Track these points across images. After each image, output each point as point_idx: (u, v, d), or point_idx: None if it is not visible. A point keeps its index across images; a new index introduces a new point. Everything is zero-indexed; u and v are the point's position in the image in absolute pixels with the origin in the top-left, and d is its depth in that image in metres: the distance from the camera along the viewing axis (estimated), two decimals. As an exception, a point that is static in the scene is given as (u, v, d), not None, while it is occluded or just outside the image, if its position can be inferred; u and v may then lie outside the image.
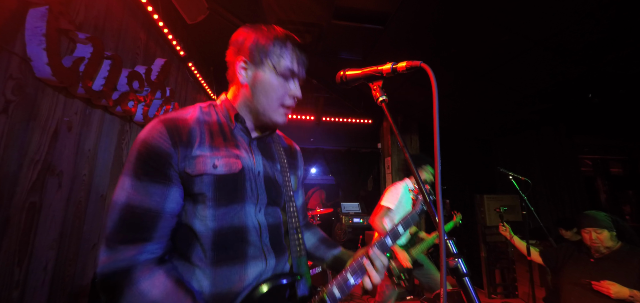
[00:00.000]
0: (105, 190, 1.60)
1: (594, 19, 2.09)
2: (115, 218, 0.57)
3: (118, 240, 0.56)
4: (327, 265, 0.88)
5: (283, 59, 0.71)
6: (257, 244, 0.66)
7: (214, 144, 0.67)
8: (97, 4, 1.45)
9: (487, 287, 3.89)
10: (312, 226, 1.00)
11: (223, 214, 0.63)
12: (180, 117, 0.67)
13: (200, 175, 0.62)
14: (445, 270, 0.41)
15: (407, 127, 4.75)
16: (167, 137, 0.62)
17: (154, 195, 0.59)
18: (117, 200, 0.59)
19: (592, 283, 1.77)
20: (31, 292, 1.14)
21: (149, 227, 0.58)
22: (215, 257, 0.62)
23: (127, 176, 0.60)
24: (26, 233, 1.12)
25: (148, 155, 0.60)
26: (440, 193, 0.45)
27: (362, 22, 2.49)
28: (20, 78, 1.07)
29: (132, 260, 0.55)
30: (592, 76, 2.85)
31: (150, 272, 0.56)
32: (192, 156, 0.63)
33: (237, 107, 0.75)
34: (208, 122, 0.71)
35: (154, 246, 0.58)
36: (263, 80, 0.71)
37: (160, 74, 1.95)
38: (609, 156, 5.04)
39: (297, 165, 0.92)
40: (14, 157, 1.06)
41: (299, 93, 0.75)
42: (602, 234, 1.83)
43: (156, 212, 0.59)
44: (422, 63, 0.53)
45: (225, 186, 0.64)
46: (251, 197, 0.68)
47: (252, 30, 0.73)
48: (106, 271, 0.54)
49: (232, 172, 0.65)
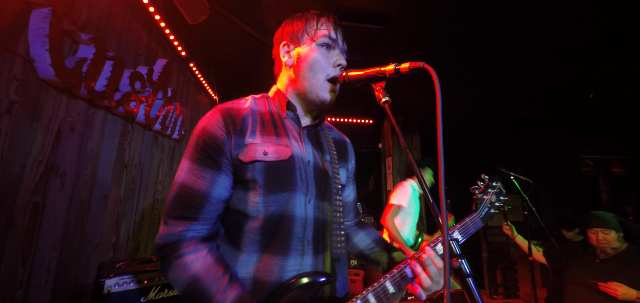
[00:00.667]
0: (108, 190, 1.60)
1: (596, 18, 2.09)
2: (173, 195, 0.63)
3: (171, 215, 0.62)
4: (382, 268, 0.83)
5: (320, 29, 0.74)
6: (300, 237, 0.67)
7: (265, 132, 0.69)
8: (99, 5, 1.46)
9: (489, 287, 3.88)
10: (365, 225, 0.94)
11: (273, 201, 0.65)
12: (235, 107, 0.71)
13: (252, 162, 0.65)
14: (449, 270, 0.41)
15: (408, 128, 4.75)
16: (222, 125, 0.66)
17: (204, 178, 0.64)
18: (177, 179, 0.65)
19: (598, 285, 1.75)
20: (35, 291, 1.15)
21: (196, 208, 0.63)
22: (263, 242, 0.64)
23: (186, 158, 0.66)
24: (30, 233, 1.13)
25: (204, 142, 0.65)
26: (444, 193, 0.45)
27: (363, 23, 2.49)
28: (24, 79, 1.07)
29: (180, 235, 0.61)
30: (594, 76, 2.84)
31: (195, 247, 0.61)
32: (245, 143, 0.66)
33: (287, 94, 0.77)
34: (260, 111, 0.74)
35: (199, 226, 0.63)
36: (306, 55, 0.73)
37: (162, 75, 1.96)
38: (610, 156, 5.02)
39: (348, 157, 0.90)
40: (17, 158, 1.07)
41: (343, 61, 0.74)
42: (609, 235, 1.82)
43: (204, 195, 0.63)
44: (425, 64, 0.53)
45: (275, 173, 0.66)
46: (301, 186, 0.68)
47: (290, 19, 0.79)
48: (160, 242, 0.62)
49: (282, 159, 0.67)
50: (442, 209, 0.45)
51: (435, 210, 0.48)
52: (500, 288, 3.88)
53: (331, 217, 0.73)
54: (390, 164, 4.60)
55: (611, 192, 4.90)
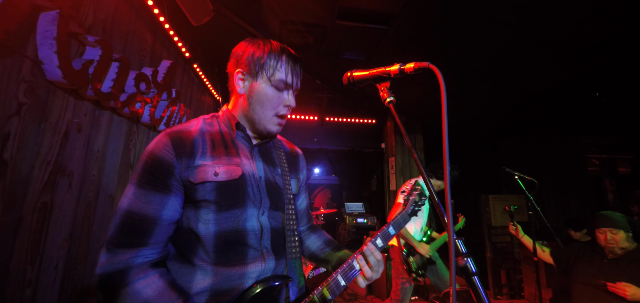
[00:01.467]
0: (114, 190, 1.62)
1: (600, 16, 2.07)
2: (117, 223, 0.61)
3: (117, 243, 0.60)
4: (332, 267, 0.90)
5: (277, 71, 0.75)
6: (257, 246, 0.70)
7: (216, 153, 0.71)
8: (105, 7, 1.48)
9: (493, 287, 3.86)
10: (316, 229, 1.01)
11: (225, 218, 0.67)
12: (184, 129, 0.72)
13: (203, 183, 0.66)
14: (455, 269, 0.41)
15: (411, 127, 4.74)
16: (171, 148, 0.67)
17: (153, 202, 0.63)
18: (120, 207, 0.63)
19: (607, 285, 1.74)
20: (43, 290, 1.17)
21: (146, 233, 0.62)
22: (217, 258, 0.66)
23: (131, 184, 0.65)
24: (38, 233, 1.15)
25: (152, 166, 0.65)
26: (449, 194, 0.45)
27: (366, 22, 2.49)
28: (32, 81, 1.09)
29: (128, 262, 0.59)
30: (599, 74, 2.82)
31: (144, 273, 0.60)
32: (195, 165, 0.67)
33: (237, 116, 0.80)
34: (210, 132, 0.75)
35: (149, 250, 0.62)
36: (259, 90, 0.75)
37: (167, 76, 1.97)
38: (616, 155, 4.97)
39: (299, 168, 0.94)
40: (26, 158, 1.08)
41: (292, 103, 0.78)
42: (618, 235, 1.80)
43: (153, 219, 0.63)
44: (430, 64, 0.53)
45: (226, 192, 0.68)
46: (253, 201, 0.72)
47: (250, 44, 0.78)
48: (104, 272, 0.59)
49: (233, 178, 0.69)
50: (447, 208, 0.45)
51: (441, 209, 0.48)
52: (504, 288, 3.85)
53: (286, 224, 0.78)
54: (393, 164, 4.59)
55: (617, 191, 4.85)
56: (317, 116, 4.85)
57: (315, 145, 5.07)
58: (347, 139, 5.15)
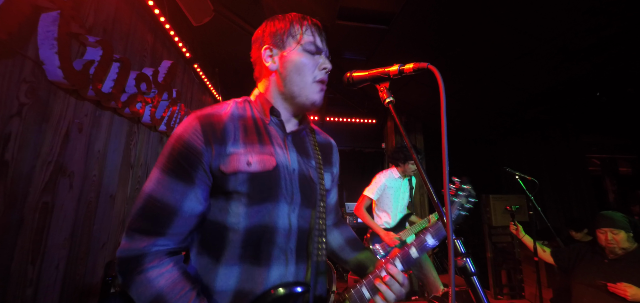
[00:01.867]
0: (115, 190, 1.62)
1: (601, 16, 2.06)
2: (139, 206, 0.60)
3: (135, 228, 0.59)
4: (350, 268, 0.85)
5: (305, 34, 0.71)
6: (283, 247, 0.66)
7: (248, 140, 0.66)
8: (106, 7, 1.48)
9: (493, 287, 3.86)
10: (342, 223, 0.95)
11: (255, 212, 0.63)
12: (215, 113, 0.67)
13: (235, 173, 0.62)
14: (454, 269, 0.42)
15: (412, 127, 4.74)
16: (200, 134, 0.62)
17: (175, 192, 0.60)
18: (144, 190, 0.61)
19: (608, 285, 1.73)
20: (44, 289, 1.17)
21: (164, 223, 0.59)
22: (244, 254, 0.62)
23: (157, 168, 0.62)
24: (39, 233, 1.15)
25: (179, 152, 0.61)
26: (448, 193, 0.46)
27: (366, 22, 2.49)
28: (34, 81, 1.10)
29: (143, 250, 0.58)
30: (600, 74, 2.81)
31: (159, 262, 0.58)
32: (226, 153, 0.63)
33: (271, 99, 0.74)
34: (242, 117, 0.70)
35: (166, 241, 0.60)
36: (291, 58, 0.71)
37: (167, 76, 1.98)
38: (617, 155, 4.96)
39: (333, 161, 0.88)
40: (27, 158, 1.09)
41: (328, 64, 0.73)
42: (619, 235, 1.79)
43: (173, 209, 0.59)
44: (429, 65, 0.53)
45: (259, 184, 0.63)
46: (286, 196, 0.67)
47: (269, 21, 0.75)
48: (122, 256, 0.58)
49: (266, 169, 0.64)
50: (446, 208, 0.45)
51: (440, 210, 0.49)
52: (505, 288, 3.85)
53: (314, 224, 0.72)
54: (393, 164, 4.58)
55: (618, 191, 4.83)
56: (318, 116, 4.85)
57: (315, 145, 5.06)
58: (347, 139, 5.15)
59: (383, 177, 2.70)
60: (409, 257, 0.73)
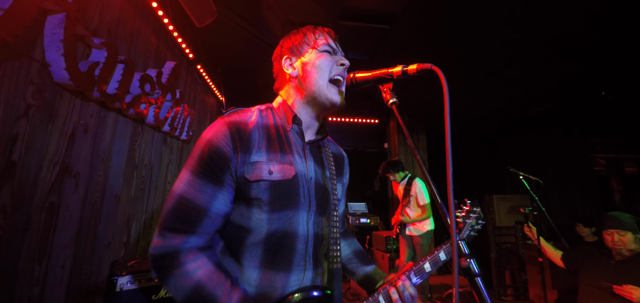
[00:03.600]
0: (119, 190, 1.64)
1: (606, 14, 2.04)
2: (170, 206, 0.63)
3: (167, 227, 0.62)
4: (356, 280, 0.88)
5: (319, 39, 0.77)
6: (302, 253, 0.69)
7: (270, 149, 0.70)
8: (110, 9, 1.49)
9: (497, 288, 3.83)
10: (349, 235, 1.00)
11: (277, 218, 0.66)
12: (242, 120, 0.70)
13: (257, 181, 0.65)
14: (458, 270, 0.41)
15: (415, 127, 4.72)
16: (229, 140, 0.66)
17: (205, 193, 0.63)
18: (174, 190, 0.64)
19: (613, 287, 1.71)
20: (50, 288, 1.19)
21: (195, 222, 0.63)
22: (265, 258, 0.65)
23: (187, 170, 0.65)
24: (45, 233, 1.16)
25: (209, 155, 0.65)
26: (452, 194, 0.46)
27: (369, 22, 2.48)
28: (40, 83, 1.11)
29: (178, 247, 0.61)
30: (605, 73, 2.78)
31: (194, 256, 0.62)
32: (251, 162, 0.66)
33: (293, 106, 0.78)
34: (266, 125, 0.74)
35: (196, 239, 0.63)
36: (310, 61, 0.76)
37: (171, 77, 1.99)
38: (623, 155, 4.90)
39: (344, 172, 0.93)
40: (34, 159, 1.10)
41: (346, 61, 0.78)
42: (626, 236, 1.77)
43: (203, 210, 0.63)
44: (433, 66, 0.53)
45: (280, 191, 0.67)
46: (304, 204, 0.70)
47: (286, 38, 0.82)
48: (156, 253, 0.61)
49: (286, 178, 0.68)
50: (450, 210, 0.45)
51: (444, 210, 0.48)
52: (509, 289, 3.82)
53: (328, 231, 0.76)
54: (396, 164, 4.56)
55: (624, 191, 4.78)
56: (320, 116, 4.85)
57: (318, 145, 5.06)
58: (349, 139, 5.14)
59: (418, 181, 3.16)
60: (423, 272, 0.80)
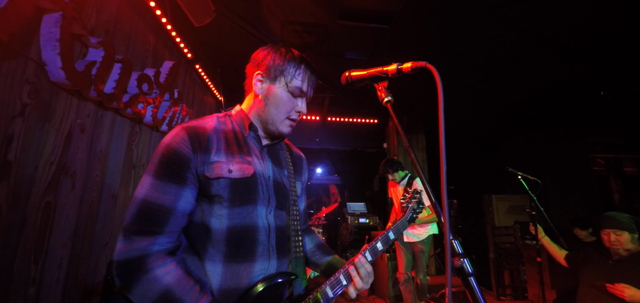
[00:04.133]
0: (117, 190, 1.64)
1: (605, 14, 2.04)
2: (133, 211, 0.63)
3: (133, 231, 0.62)
4: (320, 270, 0.94)
5: (295, 79, 0.80)
6: (265, 244, 0.73)
7: (229, 150, 0.74)
8: (108, 9, 1.49)
9: (496, 288, 3.83)
10: (311, 231, 1.06)
11: (237, 214, 0.70)
12: (200, 125, 0.75)
13: (217, 178, 0.69)
14: (451, 269, 0.41)
15: (413, 127, 4.72)
16: (188, 143, 0.69)
17: (169, 193, 0.66)
18: (137, 196, 0.65)
19: (606, 286, 1.73)
20: (47, 288, 1.18)
21: (161, 222, 0.64)
22: (228, 252, 0.69)
23: (148, 175, 0.67)
24: (42, 232, 1.16)
25: (169, 158, 0.67)
26: (446, 193, 0.45)
27: (368, 22, 2.48)
28: (36, 82, 1.11)
29: (146, 249, 0.61)
30: (605, 73, 2.78)
31: (163, 261, 0.62)
32: (210, 161, 0.70)
33: (250, 116, 0.83)
34: (224, 130, 0.78)
35: (164, 239, 0.64)
36: (275, 93, 0.79)
37: (169, 76, 1.99)
38: (622, 155, 4.91)
39: (302, 171, 0.99)
40: (30, 159, 1.10)
41: (304, 110, 0.83)
42: (622, 236, 1.78)
43: (169, 209, 0.65)
44: (427, 64, 0.53)
45: (239, 188, 0.71)
46: (263, 199, 0.75)
47: (271, 51, 0.82)
48: (122, 258, 0.60)
49: (245, 176, 0.73)
50: (444, 209, 0.45)
51: (437, 209, 0.48)
52: (508, 289, 3.82)
53: (290, 224, 0.82)
54: (395, 164, 4.56)
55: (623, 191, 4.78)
56: (319, 116, 4.85)
57: (317, 145, 5.07)
58: (349, 139, 5.14)
59: (418, 181, 3.00)
60: (376, 250, 0.86)
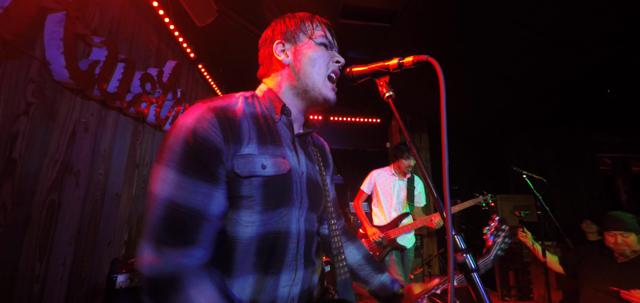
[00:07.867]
0: (120, 189, 1.65)
1: (611, 11, 2.01)
2: (160, 215, 0.51)
3: (163, 241, 0.50)
4: (370, 290, 0.81)
5: (316, 30, 0.71)
6: (294, 252, 0.63)
7: (261, 141, 0.62)
8: (111, 8, 1.50)
9: (501, 289, 3.79)
10: (353, 235, 0.91)
11: (269, 218, 0.59)
12: (229, 107, 0.61)
13: (250, 177, 0.57)
14: (453, 265, 0.40)
15: (416, 126, 4.69)
16: (218, 129, 0.56)
17: (200, 194, 0.53)
18: (160, 194, 0.52)
19: (620, 292, 1.65)
20: (51, 286, 1.19)
21: (194, 230, 0.52)
22: (257, 263, 0.58)
23: (170, 168, 0.52)
24: (46, 230, 1.17)
25: (197, 148, 0.53)
26: (448, 189, 0.45)
27: (370, 21, 2.48)
28: (40, 81, 1.12)
29: (180, 266, 0.50)
30: (611, 71, 2.74)
31: (198, 279, 0.51)
32: (242, 154, 0.58)
33: (281, 95, 0.70)
34: (253, 114, 0.65)
35: (199, 251, 0.52)
36: (305, 51, 0.69)
37: (172, 76, 2.00)
38: (629, 154, 4.83)
39: (329, 163, 0.88)
40: (34, 157, 1.11)
41: (341, 58, 0.73)
42: (629, 238, 1.72)
43: (201, 214, 0.53)
44: (429, 57, 0.52)
45: (273, 188, 0.60)
46: (296, 201, 0.64)
47: (279, 21, 0.74)
48: (155, 274, 0.50)
49: (281, 173, 0.61)
50: (446, 206, 0.44)
51: (440, 205, 0.47)
52: (512, 290, 3.78)
53: (330, 236, 0.73)
54: (398, 163, 4.54)
55: (630, 191, 4.71)
56: (321, 115, 4.85)
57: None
58: (351, 139, 5.13)
59: (374, 172, 2.77)
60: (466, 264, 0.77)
